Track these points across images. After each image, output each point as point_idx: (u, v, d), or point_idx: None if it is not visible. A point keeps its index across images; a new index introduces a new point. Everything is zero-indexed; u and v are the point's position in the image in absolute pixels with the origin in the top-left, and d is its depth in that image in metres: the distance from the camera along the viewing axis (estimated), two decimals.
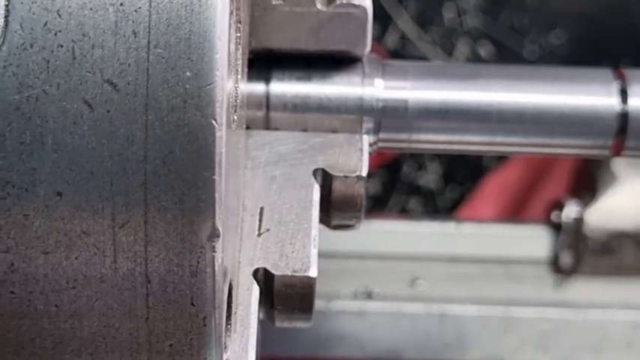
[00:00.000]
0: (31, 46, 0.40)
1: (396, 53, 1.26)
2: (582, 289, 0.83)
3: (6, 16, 0.40)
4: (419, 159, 1.26)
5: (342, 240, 0.87)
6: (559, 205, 0.84)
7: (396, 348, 0.83)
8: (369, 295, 0.84)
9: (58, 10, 0.41)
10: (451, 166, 1.27)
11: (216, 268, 0.42)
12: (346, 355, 0.84)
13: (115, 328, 0.43)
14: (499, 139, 0.55)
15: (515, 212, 1.10)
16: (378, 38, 1.30)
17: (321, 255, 0.87)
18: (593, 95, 0.55)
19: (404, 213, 1.25)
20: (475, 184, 1.18)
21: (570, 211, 0.83)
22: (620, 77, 0.55)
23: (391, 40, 1.29)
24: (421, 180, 1.27)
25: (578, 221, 0.83)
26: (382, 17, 1.29)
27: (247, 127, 0.54)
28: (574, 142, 0.55)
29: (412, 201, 1.26)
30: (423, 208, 1.26)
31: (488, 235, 0.86)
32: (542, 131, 0.55)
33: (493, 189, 1.12)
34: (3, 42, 0.40)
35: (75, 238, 0.41)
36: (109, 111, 0.40)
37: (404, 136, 0.55)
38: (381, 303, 0.83)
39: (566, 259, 0.83)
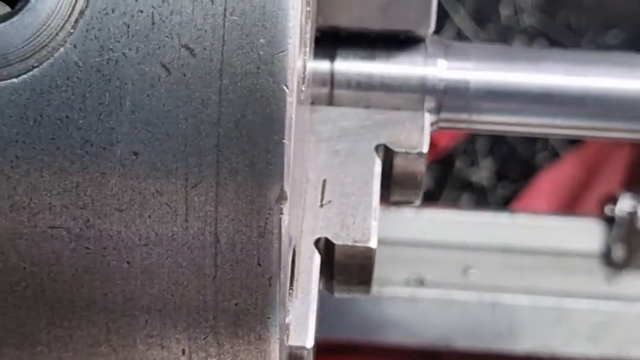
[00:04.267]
0: (113, 10, 0.42)
1: None
2: (634, 282, 0.84)
3: None
4: (472, 155, 1.27)
5: (396, 228, 0.88)
6: (613, 199, 0.84)
7: (447, 335, 0.84)
8: (421, 283, 0.85)
9: None
10: (504, 163, 1.27)
11: (283, 230, 0.43)
12: (398, 341, 0.84)
13: (183, 285, 0.44)
14: (559, 121, 0.56)
15: (568, 208, 1.10)
16: (434, 34, 1.31)
17: None
18: None
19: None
20: (527, 182, 1.19)
21: (624, 204, 0.83)
22: None
23: (447, 36, 1.29)
24: (474, 176, 1.28)
25: (632, 215, 0.83)
26: (439, 13, 1.29)
27: (312, 103, 0.55)
28: (633, 126, 0.56)
29: (464, 196, 1.27)
30: (474, 204, 1.26)
31: (541, 227, 0.87)
32: (603, 115, 0.56)
33: (546, 185, 1.13)
34: (87, 6, 0.42)
35: (149, 196, 0.43)
36: (185, 75, 0.42)
37: (464, 116, 0.56)
38: (433, 290, 0.84)
39: (618, 252, 0.84)
